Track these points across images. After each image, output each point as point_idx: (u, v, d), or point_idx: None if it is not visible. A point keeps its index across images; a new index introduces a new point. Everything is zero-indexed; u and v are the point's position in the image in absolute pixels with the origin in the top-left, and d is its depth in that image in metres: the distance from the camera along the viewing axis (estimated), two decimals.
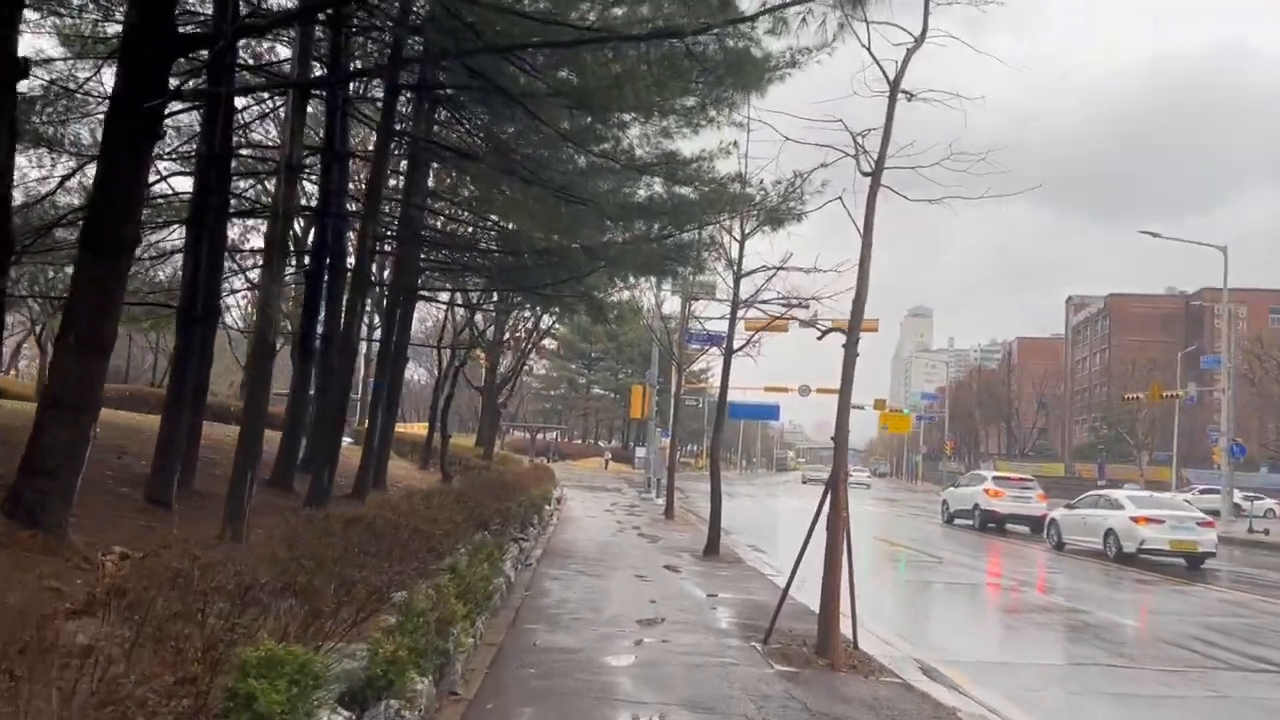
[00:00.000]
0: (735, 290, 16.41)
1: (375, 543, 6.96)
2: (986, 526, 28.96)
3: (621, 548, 17.01)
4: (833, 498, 8.67)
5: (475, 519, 11.35)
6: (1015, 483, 29.75)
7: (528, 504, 16.72)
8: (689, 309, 26.21)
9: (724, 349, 16.72)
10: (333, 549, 6.02)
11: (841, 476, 8.68)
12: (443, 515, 9.57)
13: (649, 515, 25.77)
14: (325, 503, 12.67)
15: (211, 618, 4.25)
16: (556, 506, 24.98)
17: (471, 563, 8.58)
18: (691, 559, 15.95)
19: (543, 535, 17.82)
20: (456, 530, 9.22)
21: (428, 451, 25.14)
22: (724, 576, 13.99)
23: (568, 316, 23.46)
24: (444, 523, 8.97)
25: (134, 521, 9.53)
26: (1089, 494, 25.00)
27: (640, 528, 21.66)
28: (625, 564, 14.60)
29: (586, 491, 35.83)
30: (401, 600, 6.07)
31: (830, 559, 8.57)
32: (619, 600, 11.08)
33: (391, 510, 8.36)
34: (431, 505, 10.71)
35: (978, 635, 11.99)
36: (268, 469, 14.65)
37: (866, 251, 8.94)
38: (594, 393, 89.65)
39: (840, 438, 8.91)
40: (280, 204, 9.31)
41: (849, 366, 8.94)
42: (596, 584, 12.23)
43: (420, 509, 9.77)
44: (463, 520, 10.12)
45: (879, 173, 9.07)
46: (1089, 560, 21.60)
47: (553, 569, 13.41)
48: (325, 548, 6.16)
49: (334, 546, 6.07)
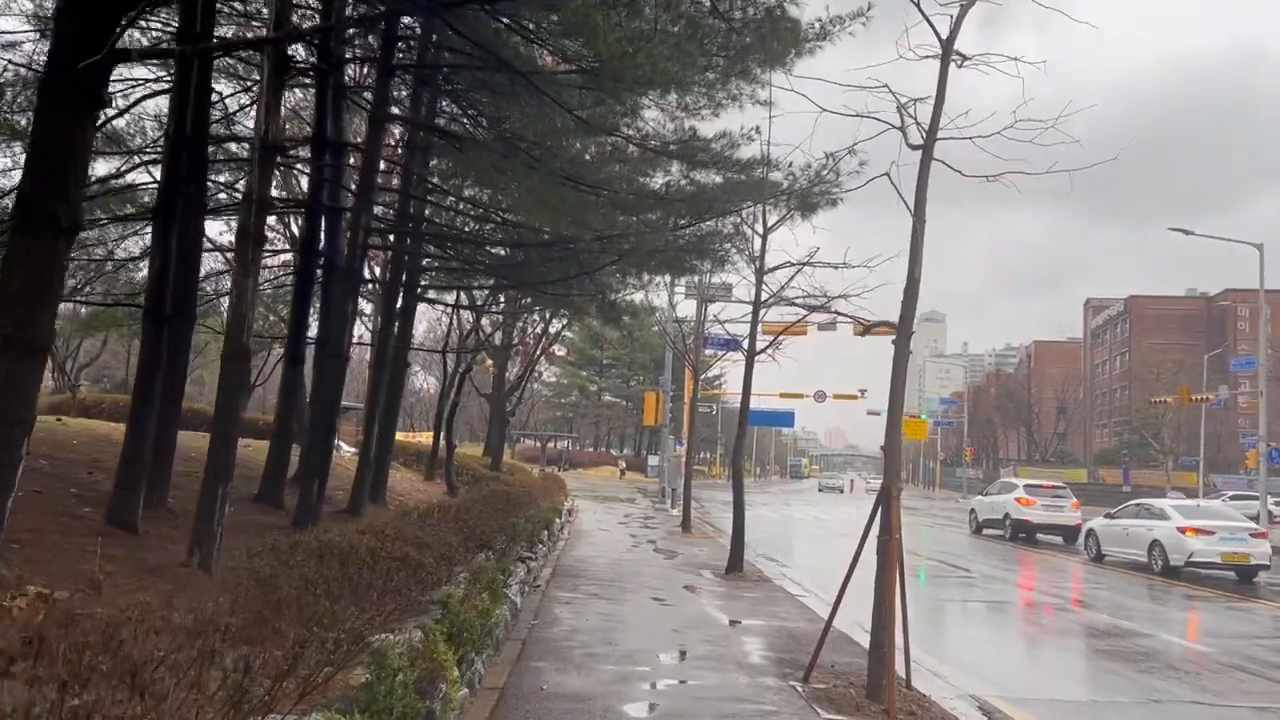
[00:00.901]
0: (757, 288, 15.29)
1: (352, 575, 5.86)
2: (1018, 537, 27.66)
3: (637, 565, 15.87)
4: (883, 517, 7.53)
5: (475, 539, 10.25)
6: (1048, 490, 28.44)
7: (536, 519, 15.61)
8: (705, 311, 25.14)
9: (745, 351, 15.58)
10: (290, 586, 4.92)
11: (894, 493, 7.53)
12: (437, 536, 8.46)
13: (665, 528, 24.63)
14: (314, 520, 11.60)
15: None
16: (567, 519, 23.87)
17: (469, 594, 7.48)
18: (713, 577, 14.81)
19: (553, 552, 16.71)
20: (452, 554, 8.11)
21: (433, 462, 24.06)
22: (750, 598, 12.83)
23: (578, 319, 22.38)
24: (437, 547, 7.86)
25: (89, 548, 8.44)
26: (1130, 503, 23.72)
27: (656, 542, 20.52)
28: (641, 584, 13.48)
29: (599, 502, 34.70)
30: (382, 645, 4.96)
31: (883, 589, 7.42)
32: (636, 629, 9.95)
33: (374, 535, 7.27)
34: (428, 524, 9.62)
35: (1037, 665, 10.81)
36: (257, 484, 13.60)
37: (919, 233, 7.81)
38: (605, 400, 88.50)
39: (892, 446, 7.77)
40: (254, 188, 8.26)
41: (900, 365, 7.79)
42: (611, 610, 11.10)
43: (413, 529, 8.68)
44: (459, 542, 9.01)
45: (931, 144, 7.94)
46: (1133, 574, 20.35)
47: (563, 591, 12.29)
48: (283, 585, 5.07)
49: (291, 583, 4.97)
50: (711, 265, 14.29)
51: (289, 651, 3.72)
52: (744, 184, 11.67)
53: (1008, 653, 11.55)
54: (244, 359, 8.37)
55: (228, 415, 8.39)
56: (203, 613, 4.38)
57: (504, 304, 21.52)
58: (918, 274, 7.76)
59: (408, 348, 17.27)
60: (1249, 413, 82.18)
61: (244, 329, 8.32)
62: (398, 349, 16.49)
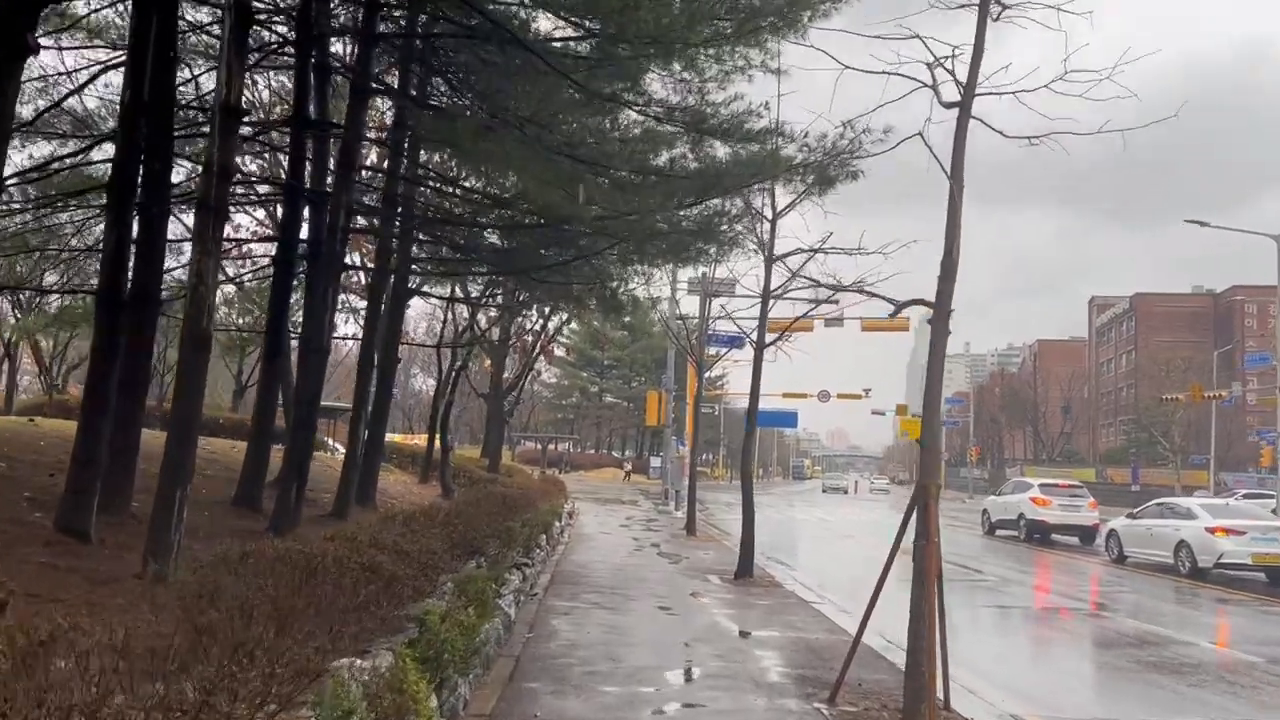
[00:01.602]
0: (767, 276, 14.44)
1: (312, 590, 5.01)
2: (1033, 538, 26.75)
3: (640, 571, 15.01)
4: (920, 520, 6.67)
5: (465, 545, 9.39)
6: (1064, 490, 27.53)
7: (534, 522, 14.75)
8: (709, 307, 24.30)
9: (754, 343, 14.72)
10: (225, 608, 4.07)
11: (933, 493, 6.68)
12: (421, 543, 7.61)
13: (668, 530, 23.76)
14: (293, 525, 10.77)
15: None
16: (568, 522, 23.00)
17: (453, 608, 6.62)
18: (721, 583, 13.95)
19: (551, 557, 15.86)
20: (436, 563, 7.26)
21: (428, 464, 23.19)
22: (762, 606, 11.97)
23: (577, 313, 21.55)
24: (419, 555, 7.02)
25: (34, 558, 7.60)
26: (1153, 503, 22.84)
27: (660, 545, 19.66)
28: (646, 591, 12.62)
29: (600, 505, 33.83)
30: (337, 677, 4.11)
31: (920, 602, 6.57)
32: (641, 643, 9.09)
33: (346, 543, 6.42)
34: (413, 529, 8.78)
35: (1077, 679, 9.92)
36: (236, 486, 12.73)
37: (956, 200, 6.96)
38: (607, 401, 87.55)
39: (930, 436, 6.91)
40: (214, 156, 7.43)
41: (939, 349, 6.95)
42: (613, 620, 10.24)
43: (395, 535, 7.83)
44: (446, 549, 8.16)
45: (969, 99, 7.09)
46: (1158, 576, 19.48)
47: (561, 600, 11.43)
48: (222, 604, 4.21)
49: (226, 603, 4.12)
50: (719, 250, 13.42)
51: (196, 698, 2.86)
52: (755, 158, 10.77)
53: (1043, 665, 10.70)
54: (204, 346, 7.52)
55: (186, 410, 7.54)
56: (128, 643, 3.55)
57: (500, 297, 20.64)
58: (956, 245, 6.91)
59: (398, 342, 16.37)
60: (1258, 410, 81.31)
61: (204, 312, 7.48)
62: (388, 343, 15.65)
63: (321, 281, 10.95)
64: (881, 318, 35.85)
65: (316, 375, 11.09)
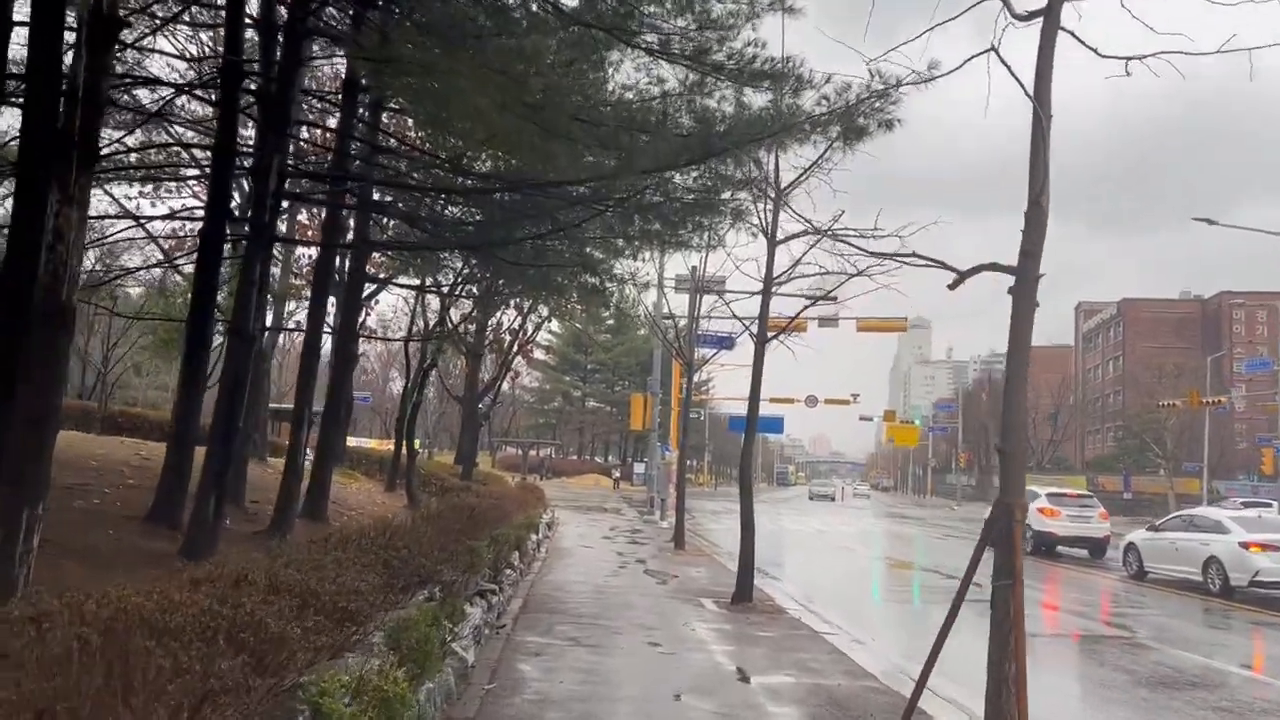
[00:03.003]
0: (769, 261, 12.82)
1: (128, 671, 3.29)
2: (1039, 550, 25.18)
3: (625, 594, 13.29)
4: (1000, 553, 5.02)
5: (414, 573, 7.67)
6: (1073, 500, 26.00)
7: (504, 538, 13.01)
8: (699, 303, 22.70)
9: (754, 338, 13.07)
10: None
11: (1018, 515, 5.02)
12: (344, 579, 5.87)
13: (655, 543, 22.05)
14: (211, 547, 9.00)
15: None
16: (546, 534, 21.25)
17: (379, 670, 4.90)
18: (717, 609, 12.26)
19: (526, 577, 14.12)
20: (359, 607, 5.53)
21: (394, 471, 21.39)
22: (767, 639, 10.28)
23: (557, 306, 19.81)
24: (334, 597, 5.29)
25: None
26: (1176, 515, 21.36)
27: (646, 562, 17.95)
28: (632, 621, 10.90)
29: (582, 514, 32.08)
30: None
31: (1001, 659, 4.91)
32: (628, 698, 7.37)
33: (224, 584, 4.69)
34: (351, 552, 7.05)
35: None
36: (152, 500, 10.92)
37: (1042, 131, 5.31)
38: (590, 406, 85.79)
39: (1014, 437, 5.25)
40: (78, 76, 5.72)
41: (1022, 328, 5.30)
42: (594, 663, 8.52)
43: (317, 562, 6.10)
44: (382, 583, 6.43)
45: (1058, 4, 5.45)
46: (1185, 594, 17.98)
47: (533, 634, 9.70)
48: None
49: None
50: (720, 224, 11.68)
51: None
52: (763, 115, 9.05)
53: (1113, 710, 9.02)
54: (62, 324, 5.79)
55: (37, 406, 5.80)
56: None
57: (476, 284, 18.84)
58: (1046, 190, 5.26)
59: (355, 334, 14.58)
60: (1247, 417, 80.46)
61: (64, 281, 5.76)
62: (343, 334, 13.93)
63: (250, 258, 9.21)
64: (876, 318, 34.35)
65: (242, 365, 9.34)
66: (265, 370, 23.77)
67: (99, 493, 11.66)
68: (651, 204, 10.34)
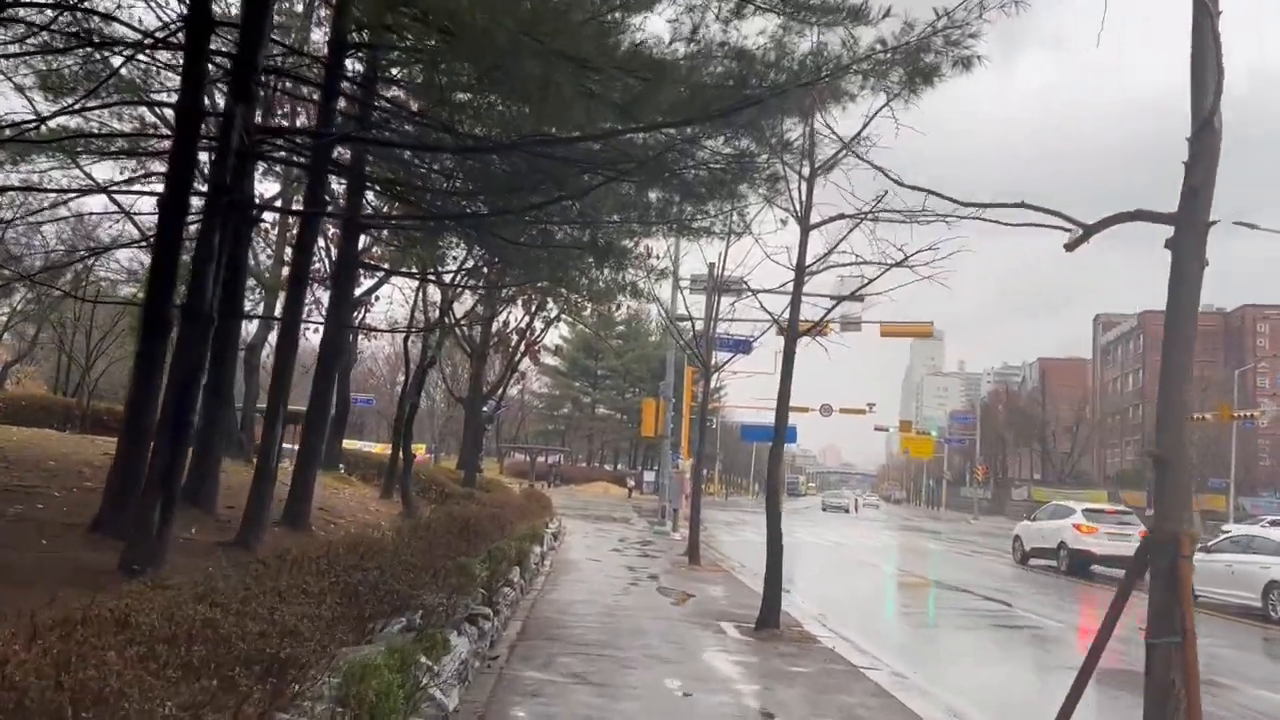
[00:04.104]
0: (802, 247, 11.49)
1: None
2: (1074, 570, 23.67)
3: (636, 617, 11.93)
4: (1158, 597, 3.66)
5: (387, 600, 6.36)
6: (1111, 516, 24.51)
7: (502, 553, 11.69)
8: (717, 303, 21.41)
9: (785, 331, 11.74)
10: None
11: (1185, 548, 3.66)
12: (284, 615, 4.57)
13: (667, 557, 20.68)
14: (156, 563, 7.68)
15: None
16: (552, 545, 19.92)
17: None
18: (740, 637, 10.90)
19: (527, 595, 12.79)
20: (301, 649, 4.21)
21: (391, 476, 20.08)
22: (801, 677, 8.92)
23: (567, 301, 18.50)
24: (255, 641, 3.98)
25: None
26: (1228, 536, 19.91)
27: (659, 577, 16.58)
28: (644, 651, 9.54)
29: (590, 523, 30.71)
30: None
31: None
32: None
33: (98, 629, 3.40)
34: (297, 576, 5.76)
35: None
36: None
37: (1211, 19, 3.97)
38: (599, 413, 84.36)
39: (1175, 454, 3.90)
40: None
41: (1187, 290, 3.96)
42: (600, 708, 7.18)
43: (247, 599, 4.80)
44: (336, 616, 5.12)
45: None
46: (1242, 622, 16.61)
47: (531, 668, 8.36)
48: None
49: None
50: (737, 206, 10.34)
51: None
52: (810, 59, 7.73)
53: None
54: None
55: None
56: None
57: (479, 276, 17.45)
58: (1215, 105, 3.91)
59: (344, 321, 13.16)
60: (1270, 433, 78.57)
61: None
62: (331, 324, 12.64)
63: (208, 225, 7.92)
64: (900, 322, 32.88)
65: (196, 351, 8.04)
66: (255, 366, 22.58)
67: (46, 497, 10.39)
68: (673, 171, 8.94)
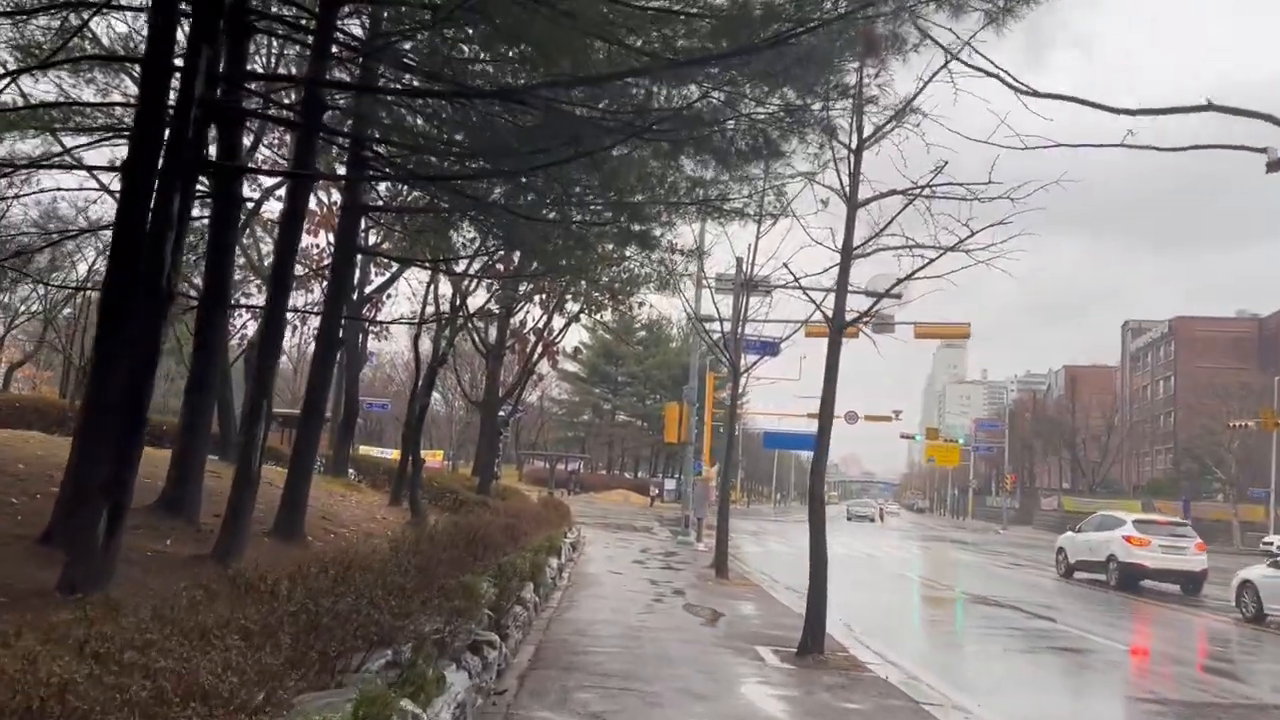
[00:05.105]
0: (849, 227, 10.27)
1: None
2: (1125, 585, 22.19)
3: (663, 640, 10.70)
4: None
5: (359, 633, 5.20)
6: (1164, 528, 23.01)
7: (515, 567, 10.51)
8: (746, 301, 20.24)
9: (830, 321, 10.50)
10: None
11: None
12: (201, 663, 3.40)
13: (692, 569, 19.45)
14: (101, 582, 6.56)
15: None
16: (570, 557, 18.73)
17: None
18: (780, 664, 9.65)
19: (542, 613, 11.60)
20: (209, 713, 3.04)
21: (400, 482, 18.99)
22: (856, 715, 7.67)
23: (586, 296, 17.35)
24: (164, 704, 2.81)
25: None
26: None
27: (685, 592, 15.36)
28: (674, 685, 8.30)
29: (610, 532, 29.52)
30: None
31: None
32: None
33: None
34: (243, 607, 4.61)
35: None
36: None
37: None
38: (620, 420, 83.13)
39: None
40: None
41: None
42: None
43: (145, 647, 3.64)
44: (284, 662, 3.95)
45: None
46: None
47: (542, 706, 7.15)
48: None
49: None
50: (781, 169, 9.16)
51: None
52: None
53: None
54: None
55: None
56: None
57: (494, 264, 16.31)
58: None
59: (339, 310, 11.94)
60: None
61: None
62: (329, 316, 11.54)
63: (166, 189, 6.81)
64: (936, 323, 31.52)
65: (151, 331, 6.94)
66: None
67: (3, 504, 9.30)
68: (711, 126, 7.70)
